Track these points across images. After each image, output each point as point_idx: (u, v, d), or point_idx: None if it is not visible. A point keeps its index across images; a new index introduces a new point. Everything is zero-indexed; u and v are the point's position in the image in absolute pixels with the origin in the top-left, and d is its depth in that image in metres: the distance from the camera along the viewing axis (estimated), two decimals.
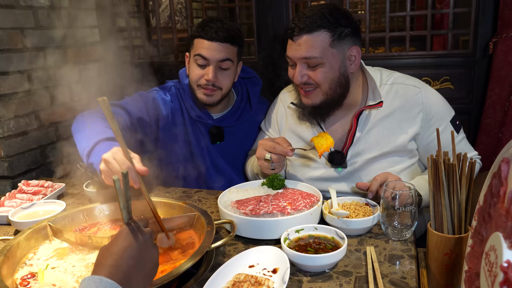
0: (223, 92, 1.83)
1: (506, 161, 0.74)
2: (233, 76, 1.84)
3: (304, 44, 1.50)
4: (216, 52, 1.74)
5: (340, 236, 1.22)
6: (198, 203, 1.65)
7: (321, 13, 1.49)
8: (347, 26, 1.51)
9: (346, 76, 1.56)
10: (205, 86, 1.79)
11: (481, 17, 2.23)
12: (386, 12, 2.39)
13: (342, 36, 1.51)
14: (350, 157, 1.64)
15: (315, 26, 1.48)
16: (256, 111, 1.99)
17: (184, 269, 1.00)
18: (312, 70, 1.53)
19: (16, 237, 1.21)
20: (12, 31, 2.03)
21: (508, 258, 0.63)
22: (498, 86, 2.16)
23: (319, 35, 1.49)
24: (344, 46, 1.52)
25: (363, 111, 1.61)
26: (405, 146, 1.60)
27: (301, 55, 1.51)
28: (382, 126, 1.61)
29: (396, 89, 1.62)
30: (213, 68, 1.76)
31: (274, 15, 2.59)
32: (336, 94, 1.57)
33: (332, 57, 1.51)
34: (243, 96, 1.99)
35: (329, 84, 1.54)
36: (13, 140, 2.05)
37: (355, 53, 1.55)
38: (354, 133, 1.62)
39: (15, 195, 1.71)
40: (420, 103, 1.59)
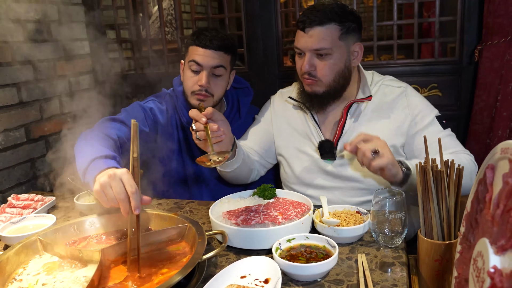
0: (215, 99, 1.85)
1: (491, 167, 0.75)
2: (225, 84, 1.87)
3: (316, 35, 1.58)
4: (210, 59, 1.77)
5: (331, 245, 1.22)
6: (190, 214, 1.65)
7: (331, 8, 1.59)
8: (354, 21, 1.63)
9: (349, 69, 1.66)
10: (198, 92, 1.81)
11: (467, 25, 2.26)
12: (373, 21, 2.42)
13: (350, 31, 1.61)
14: (339, 149, 1.70)
15: (326, 18, 1.57)
16: (246, 121, 2.00)
17: (176, 281, 1.00)
18: (321, 59, 1.61)
19: (6, 252, 1.20)
20: (1, 44, 2.03)
21: (494, 263, 0.64)
22: (485, 93, 2.19)
23: (329, 27, 1.58)
24: (349, 41, 1.63)
25: (352, 104, 1.69)
26: (395, 140, 1.66)
27: (312, 46, 1.60)
28: (370, 119, 1.69)
29: (383, 89, 1.73)
30: (207, 74, 1.78)
31: (264, 25, 2.61)
32: (338, 85, 1.66)
33: (339, 49, 1.61)
34: (233, 106, 2.01)
35: (333, 76, 1.63)
36: (3, 154, 2.03)
37: (358, 49, 1.66)
38: (344, 124, 1.69)
39: (4, 209, 1.69)
40: (405, 100, 1.70)
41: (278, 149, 1.86)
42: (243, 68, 2.73)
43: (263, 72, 2.67)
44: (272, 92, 2.01)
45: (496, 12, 2.05)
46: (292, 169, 1.80)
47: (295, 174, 1.79)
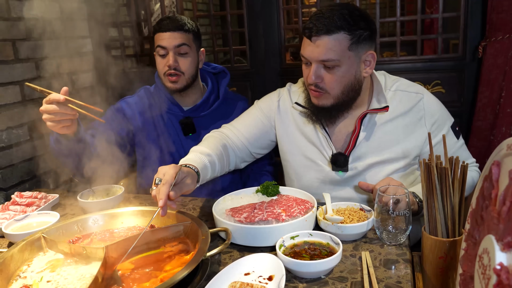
0: (187, 77, 1.96)
1: (496, 164, 0.74)
2: (194, 61, 1.98)
3: (323, 45, 1.46)
4: (172, 40, 1.90)
5: (335, 242, 1.22)
6: (193, 212, 1.65)
7: (341, 14, 1.45)
8: (366, 29, 1.48)
9: (360, 80, 1.55)
10: (169, 72, 1.93)
11: (470, 21, 2.26)
12: (376, 17, 2.41)
13: (361, 40, 1.48)
14: (352, 160, 1.63)
15: (335, 27, 1.44)
16: (228, 104, 2.09)
17: (180, 278, 1.00)
18: (328, 71, 1.50)
19: (10, 250, 1.20)
20: (4, 43, 2.03)
21: (500, 260, 0.63)
22: (488, 89, 2.18)
23: (338, 37, 1.45)
24: (360, 50, 1.50)
25: (367, 114, 1.60)
26: (409, 152, 1.60)
27: (318, 57, 1.48)
28: (385, 131, 1.60)
29: (399, 96, 1.61)
30: (172, 54, 1.92)
31: (266, 22, 2.60)
32: (347, 98, 1.56)
33: (349, 60, 1.49)
34: (214, 89, 2.10)
35: (342, 88, 1.52)
36: (6, 152, 2.03)
37: (370, 58, 1.53)
38: (358, 136, 1.60)
39: (8, 207, 1.70)
40: (422, 109, 1.59)
41: (284, 154, 1.78)
42: (245, 65, 2.73)
43: (265, 69, 2.67)
44: (273, 89, 2.01)
45: (499, 8, 2.04)
46: (299, 177, 1.74)
47: (303, 183, 1.73)
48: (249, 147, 1.79)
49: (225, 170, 1.72)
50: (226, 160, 1.69)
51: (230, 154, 1.73)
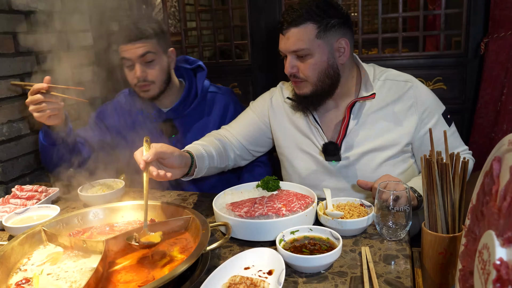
0: (158, 84, 1.90)
1: (497, 159, 0.74)
2: (162, 66, 1.90)
3: (292, 37, 1.54)
4: (134, 51, 1.83)
5: (335, 237, 1.22)
6: (193, 206, 1.65)
7: (308, 6, 1.53)
8: (334, 16, 1.54)
9: (335, 67, 1.59)
10: (139, 84, 1.88)
11: (473, 17, 2.25)
12: (378, 13, 2.41)
13: (329, 27, 1.54)
14: (344, 149, 1.66)
15: (301, 19, 1.52)
16: (209, 99, 2.04)
17: (180, 272, 1.00)
18: (302, 61, 1.57)
19: (10, 243, 1.21)
20: (4, 36, 2.02)
21: (500, 256, 0.63)
22: (490, 86, 2.18)
23: (305, 27, 1.53)
24: (331, 38, 1.55)
25: (356, 103, 1.63)
26: (400, 140, 1.62)
27: (289, 48, 1.56)
28: (375, 119, 1.63)
29: (388, 85, 1.65)
30: (138, 65, 1.85)
31: (267, 17, 2.59)
32: (325, 85, 1.60)
33: (319, 48, 1.55)
34: (192, 84, 2.04)
35: (317, 75, 1.58)
36: (6, 145, 2.03)
37: (343, 45, 1.58)
38: (348, 124, 1.64)
39: (8, 200, 1.70)
40: (412, 97, 1.62)
41: (279, 149, 1.83)
42: (247, 60, 2.72)
43: (267, 65, 2.66)
44: (275, 84, 2.01)
45: (503, 5, 2.03)
46: (295, 169, 1.77)
47: (299, 175, 1.76)
48: (246, 145, 1.83)
49: (226, 164, 1.77)
50: (225, 154, 1.74)
51: (228, 150, 1.78)
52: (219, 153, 1.70)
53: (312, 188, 1.68)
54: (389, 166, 1.63)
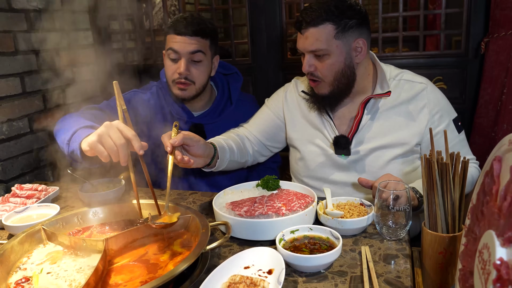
0: (197, 87, 1.83)
1: (498, 159, 0.74)
2: (207, 69, 1.84)
3: (310, 37, 1.56)
4: (187, 45, 1.75)
5: (335, 236, 1.22)
6: (193, 205, 1.65)
7: (327, 6, 1.54)
8: (352, 17, 1.56)
9: (351, 67, 1.61)
10: (179, 80, 1.79)
11: (473, 17, 2.24)
12: (378, 13, 2.40)
13: (347, 28, 1.55)
14: (354, 144, 1.68)
15: (320, 19, 1.54)
16: (238, 107, 1.99)
17: (179, 271, 1.00)
18: (320, 60, 1.59)
19: (10, 241, 1.20)
20: (4, 34, 2.02)
21: (500, 255, 0.63)
22: (490, 86, 2.17)
23: (324, 28, 1.54)
24: (349, 38, 1.57)
25: (370, 99, 1.64)
26: (411, 139, 1.63)
27: (308, 48, 1.58)
28: (387, 116, 1.65)
29: (403, 84, 1.67)
30: (185, 61, 1.77)
31: (268, 16, 2.59)
32: (342, 85, 1.63)
33: (337, 49, 1.57)
34: (224, 92, 1.99)
35: (334, 75, 1.60)
36: (6, 144, 2.03)
37: (361, 45, 1.59)
38: (360, 120, 1.66)
39: (8, 199, 1.70)
40: (425, 98, 1.64)
41: (291, 141, 1.85)
42: (247, 59, 2.72)
43: (267, 64, 2.66)
44: (275, 84, 2.01)
45: (503, 4, 2.03)
46: (305, 162, 1.78)
47: (308, 167, 1.78)
48: (264, 141, 1.87)
49: (246, 159, 1.81)
50: (244, 149, 1.79)
51: (247, 146, 1.82)
52: (239, 147, 1.75)
53: (320, 181, 1.71)
54: (397, 164, 1.65)
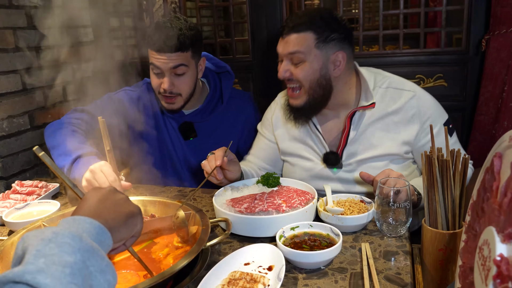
0: (184, 97, 1.82)
1: (498, 156, 0.74)
2: (192, 78, 1.81)
3: (291, 41, 1.57)
4: (167, 62, 1.71)
5: (335, 233, 1.22)
6: (193, 202, 1.65)
7: (312, 15, 1.57)
8: (336, 31, 1.57)
9: (327, 78, 1.60)
10: (164, 94, 1.78)
11: (474, 14, 2.24)
12: (379, 10, 2.40)
13: (328, 40, 1.56)
14: (345, 157, 1.67)
15: (303, 27, 1.55)
16: (229, 105, 1.97)
17: (179, 268, 1.00)
18: (295, 66, 1.59)
19: (10, 238, 1.21)
20: (4, 31, 2.02)
21: (501, 251, 0.63)
22: (491, 83, 2.17)
23: (305, 35, 1.55)
24: (329, 50, 1.57)
25: (356, 112, 1.63)
26: (400, 149, 1.62)
27: (287, 51, 1.58)
28: (377, 128, 1.63)
29: (391, 93, 1.64)
30: (168, 76, 1.74)
31: (268, 14, 2.59)
32: (317, 95, 1.61)
33: (314, 58, 1.57)
34: (216, 90, 1.97)
35: (309, 83, 1.59)
36: (7, 141, 2.04)
37: (340, 58, 1.59)
38: (348, 134, 1.64)
39: (9, 195, 1.70)
40: (414, 107, 1.61)
41: (283, 155, 1.84)
42: (247, 56, 2.72)
43: (267, 61, 2.66)
44: (275, 81, 2.00)
45: (504, 1, 2.03)
46: (296, 175, 1.78)
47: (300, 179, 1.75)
48: (270, 166, 1.89)
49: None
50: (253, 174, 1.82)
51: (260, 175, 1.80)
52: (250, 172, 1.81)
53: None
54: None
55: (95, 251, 0.69)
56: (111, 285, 0.69)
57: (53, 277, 0.59)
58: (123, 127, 1.90)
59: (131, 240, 0.91)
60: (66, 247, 0.65)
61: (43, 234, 0.66)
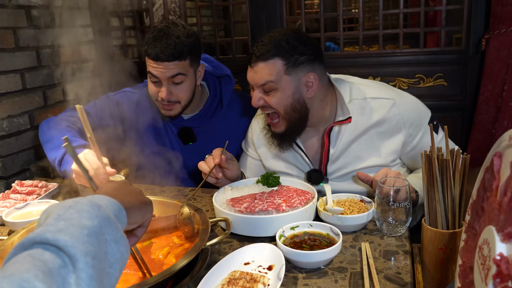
0: (183, 104, 1.78)
1: (498, 155, 0.74)
2: (190, 85, 1.77)
3: (259, 71, 1.52)
4: (165, 71, 1.67)
5: (335, 233, 1.22)
6: (193, 202, 1.65)
7: (277, 41, 1.51)
8: (304, 53, 1.52)
9: (301, 101, 1.56)
10: (162, 102, 1.76)
11: (474, 14, 2.24)
12: (379, 9, 2.40)
13: (297, 64, 1.51)
14: (330, 173, 1.65)
15: (270, 54, 1.50)
16: (229, 109, 1.94)
17: (180, 267, 1.00)
18: (267, 95, 1.55)
19: (10, 237, 1.21)
20: (4, 31, 2.02)
21: (500, 251, 0.63)
22: (491, 83, 2.17)
23: (273, 63, 1.50)
24: (299, 73, 1.53)
25: (333, 127, 1.60)
26: (387, 160, 1.60)
27: (257, 82, 1.54)
28: (360, 141, 1.60)
29: (370, 104, 1.59)
30: (166, 85, 1.71)
31: (268, 13, 2.59)
32: (294, 119, 1.58)
33: (285, 84, 1.52)
34: (216, 95, 1.93)
35: (283, 109, 1.55)
36: (7, 141, 2.04)
37: (312, 79, 1.54)
38: (328, 150, 1.62)
39: (9, 195, 1.70)
40: (397, 114, 1.57)
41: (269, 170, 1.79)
42: None
43: None
44: None
45: (504, 1, 2.03)
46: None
47: None
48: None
49: None
50: None
51: None
52: None
53: None
54: None
55: (112, 221, 0.74)
56: (124, 258, 0.73)
57: (71, 236, 0.64)
58: (120, 129, 1.89)
59: (141, 230, 0.94)
60: (85, 213, 0.70)
61: (64, 202, 0.72)
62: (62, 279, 0.59)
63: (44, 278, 0.56)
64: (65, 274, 0.60)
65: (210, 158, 1.55)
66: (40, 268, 0.58)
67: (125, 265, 0.75)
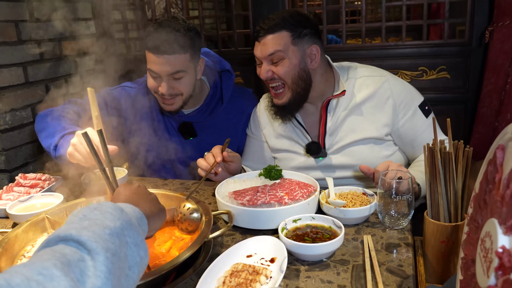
0: (184, 97, 1.78)
1: (501, 147, 0.74)
2: (191, 79, 1.77)
3: (268, 43, 1.64)
4: (166, 66, 1.66)
5: (337, 225, 1.22)
6: (196, 194, 1.65)
7: (283, 17, 1.65)
8: (306, 27, 1.66)
9: (306, 71, 1.68)
10: (163, 97, 1.75)
11: (477, 6, 2.22)
12: (382, 2, 2.38)
13: (302, 36, 1.65)
14: (328, 146, 1.73)
15: (278, 27, 1.63)
16: (229, 104, 1.94)
17: (182, 260, 1.00)
18: (275, 65, 1.66)
19: (14, 230, 1.21)
20: (6, 24, 2.02)
21: (503, 243, 0.63)
22: (494, 75, 2.16)
23: (280, 34, 1.63)
24: (304, 44, 1.66)
25: (330, 101, 1.70)
26: (381, 132, 1.68)
27: (266, 52, 1.65)
28: (355, 114, 1.70)
29: (364, 81, 1.72)
30: (166, 81, 1.70)
31: (270, 5, 2.58)
32: (300, 88, 1.68)
33: (293, 53, 1.64)
34: (216, 90, 1.93)
35: (291, 78, 1.66)
36: (10, 134, 2.04)
37: (314, 51, 1.67)
38: (325, 123, 1.71)
39: (12, 188, 1.71)
40: (388, 89, 1.68)
41: (273, 151, 1.89)
42: (249, 49, 2.71)
43: None
44: None
45: None
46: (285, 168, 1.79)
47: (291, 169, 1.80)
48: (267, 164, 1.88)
49: None
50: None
51: None
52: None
53: None
54: (376, 152, 1.70)
55: (133, 225, 0.78)
56: (143, 262, 0.76)
57: (94, 233, 0.68)
58: (117, 124, 1.89)
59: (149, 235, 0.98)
60: (108, 215, 0.74)
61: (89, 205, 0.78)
62: (80, 271, 0.62)
63: (63, 267, 0.59)
64: (83, 267, 0.63)
65: (209, 155, 1.61)
66: (59, 259, 0.61)
67: (144, 270, 0.77)
